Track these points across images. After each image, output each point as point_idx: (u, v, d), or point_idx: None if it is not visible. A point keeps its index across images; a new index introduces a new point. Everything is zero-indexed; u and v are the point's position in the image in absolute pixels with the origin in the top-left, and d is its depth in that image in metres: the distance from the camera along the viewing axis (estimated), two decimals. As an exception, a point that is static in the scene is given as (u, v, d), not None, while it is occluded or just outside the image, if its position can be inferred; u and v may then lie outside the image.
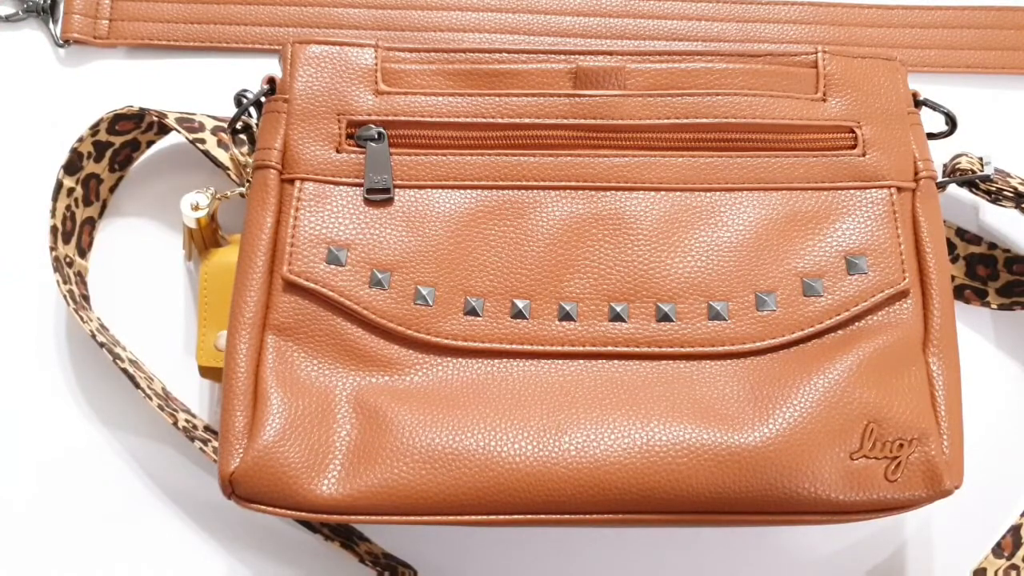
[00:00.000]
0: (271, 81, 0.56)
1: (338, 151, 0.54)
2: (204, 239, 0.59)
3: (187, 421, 0.59)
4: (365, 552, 0.59)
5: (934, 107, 0.58)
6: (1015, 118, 0.68)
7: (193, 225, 0.58)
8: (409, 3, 0.67)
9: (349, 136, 0.54)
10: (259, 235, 0.52)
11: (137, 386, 0.58)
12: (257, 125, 0.57)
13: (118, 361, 0.59)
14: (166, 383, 0.62)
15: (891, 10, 0.69)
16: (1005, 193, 0.60)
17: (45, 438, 0.62)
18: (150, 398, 0.58)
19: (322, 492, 0.49)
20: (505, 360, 0.52)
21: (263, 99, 0.56)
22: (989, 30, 0.69)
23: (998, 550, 0.61)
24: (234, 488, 0.49)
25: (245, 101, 0.56)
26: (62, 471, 0.61)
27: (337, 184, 0.53)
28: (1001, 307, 0.64)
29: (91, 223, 0.64)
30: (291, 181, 0.53)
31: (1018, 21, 0.70)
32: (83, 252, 0.63)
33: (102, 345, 0.59)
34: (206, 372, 0.58)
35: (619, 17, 0.68)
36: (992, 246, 0.64)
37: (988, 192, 0.61)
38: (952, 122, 0.59)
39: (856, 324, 0.53)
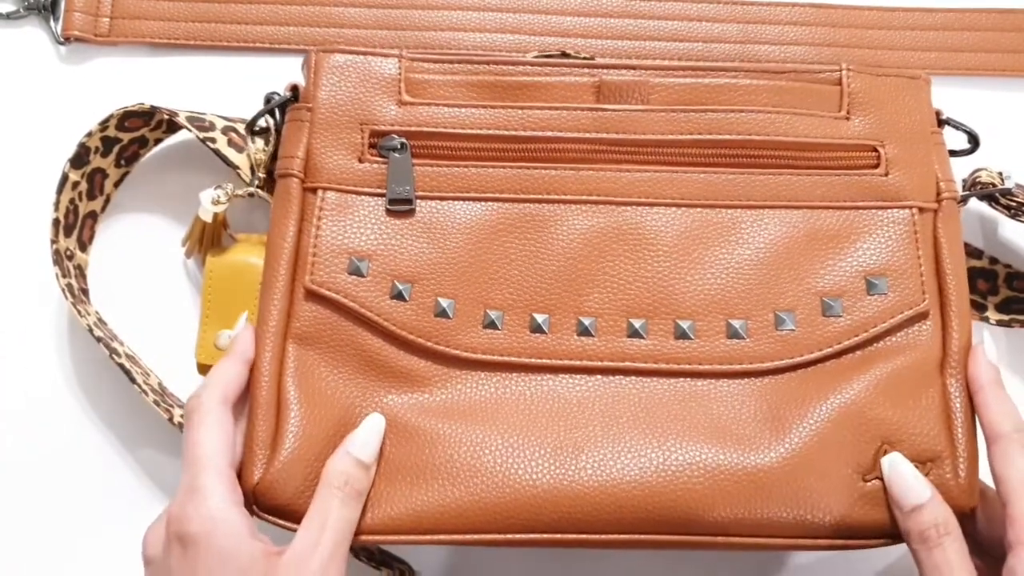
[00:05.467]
0: (294, 88, 0.55)
1: (360, 161, 0.54)
2: (213, 235, 0.60)
3: (183, 416, 0.59)
4: (360, 547, 0.60)
5: (956, 126, 0.58)
6: (1015, 120, 0.68)
7: (209, 218, 0.59)
8: (410, 3, 0.67)
9: (371, 146, 0.54)
10: (282, 244, 0.52)
11: (133, 381, 0.59)
12: (276, 128, 0.57)
13: (115, 356, 0.59)
14: (163, 379, 0.62)
15: (891, 12, 0.69)
16: None
17: (40, 430, 0.62)
18: (146, 393, 0.58)
19: None
20: (523, 374, 0.52)
21: (286, 105, 0.56)
22: (990, 32, 0.69)
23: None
24: (256, 500, 0.49)
25: (272, 102, 0.56)
26: (57, 463, 0.62)
27: (359, 194, 0.53)
28: (999, 323, 0.64)
29: (93, 217, 0.64)
30: (313, 190, 0.53)
31: (1019, 24, 0.69)
32: (84, 246, 0.63)
33: (99, 339, 0.59)
34: (205, 370, 0.58)
35: (619, 17, 0.68)
36: (993, 261, 0.64)
37: (1008, 207, 0.60)
38: (975, 141, 0.58)
39: (874, 345, 0.53)
